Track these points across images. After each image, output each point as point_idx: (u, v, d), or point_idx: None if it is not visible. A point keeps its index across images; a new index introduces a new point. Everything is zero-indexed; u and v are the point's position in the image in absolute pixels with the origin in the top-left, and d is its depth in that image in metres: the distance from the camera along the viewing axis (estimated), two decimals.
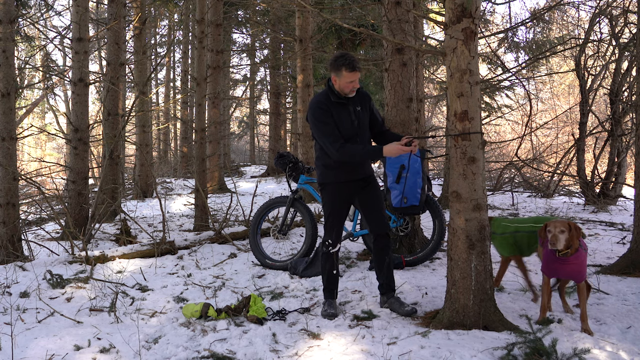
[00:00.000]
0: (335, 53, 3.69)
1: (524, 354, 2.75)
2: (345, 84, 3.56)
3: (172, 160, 21.42)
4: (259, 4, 12.59)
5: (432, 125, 18.19)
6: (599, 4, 8.55)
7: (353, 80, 3.55)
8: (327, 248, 3.78)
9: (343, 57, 3.54)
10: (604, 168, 10.09)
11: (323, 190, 3.80)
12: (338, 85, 3.60)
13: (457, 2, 3.20)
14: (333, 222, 3.77)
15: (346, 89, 3.59)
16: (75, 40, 7.15)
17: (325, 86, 3.71)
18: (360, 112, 3.68)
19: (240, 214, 8.16)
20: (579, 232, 3.21)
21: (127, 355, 3.04)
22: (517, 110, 14.00)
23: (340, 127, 3.59)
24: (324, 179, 3.78)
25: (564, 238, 3.18)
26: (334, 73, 3.59)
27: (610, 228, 7.03)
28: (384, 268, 3.82)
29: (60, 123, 23.95)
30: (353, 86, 3.58)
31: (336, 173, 3.71)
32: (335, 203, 3.77)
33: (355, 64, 3.52)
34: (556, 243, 3.17)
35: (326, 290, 3.81)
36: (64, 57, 19.83)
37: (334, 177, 3.73)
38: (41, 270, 4.76)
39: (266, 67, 20.10)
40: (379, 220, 3.81)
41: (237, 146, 30.82)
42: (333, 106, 3.61)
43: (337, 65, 3.54)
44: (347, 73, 3.52)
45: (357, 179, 3.77)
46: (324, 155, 3.71)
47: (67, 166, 7.80)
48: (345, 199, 3.81)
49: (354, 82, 3.56)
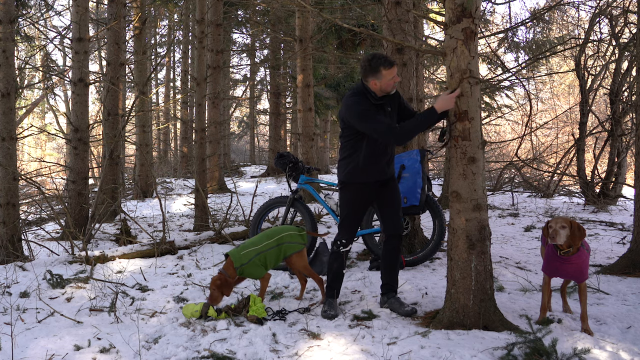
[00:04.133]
0: (363, 58, 3.59)
1: (524, 354, 2.75)
2: (387, 83, 3.50)
3: (172, 160, 21.43)
4: (259, 4, 12.59)
5: None
6: (599, 4, 8.55)
7: (393, 76, 3.49)
8: (338, 247, 3.77)
9: (376, 58, 3.48)
10: (604, 168, 10.10)
11: (344, 189, 3.78)
12: (379, 87, 3.52)
13: (457, 2, 3.20)
14: (350, 222, 3.75)
15: (388, 87, 3.52)
16: (75, 40, 7.15)
17: (358, 90, 3.61)
18: (391, 112, 3.65)
19: (240, 214, 8.16)
20: (582, 233, 3.19)
21: (127, 355, 3.03)
22: (517, 110, 14.00)
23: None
24: (349, 179, 3.71)
25: (565, 234, 3.17)
26: (372, 77, 3.49)
27: (610, 228, 7.03)
28: (390, 269, 3.83)
29: (60, 123, 23.96)
30: (395, 81, 3.52)
31: (365, 173, 3.66)
32: (356, 203, 3.75)
33: (390, 59, 3.48)
34: (556, 237, 3.16)
35: (329, 289, 3.79)
36: (64, 57, 19.86)
37: (362, 177, 3.68)
38: (41, 270, 4.76)
39: (266, 67, 20.10)
40: (395, 221, 3.80)
41: (237, 146, 30.83)
42: (373, 108, 3.55)
43: (374, 66, 3.46)
44: (386, 71, 3.45)
45: (383, 179, 3.74)
46: (355, 154, 3.64)
47: (67, 166, 7.80)
48: (367, 199, 3.79)
49: (394, 77, 3.50)
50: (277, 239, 3.92)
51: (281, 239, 3.92)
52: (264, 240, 3.95)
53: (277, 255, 3.92)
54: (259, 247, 3.90)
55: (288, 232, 3.95)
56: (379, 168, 3.68)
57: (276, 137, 17.29)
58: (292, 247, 3.90)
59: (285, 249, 3.92)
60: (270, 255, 3.90)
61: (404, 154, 5.00)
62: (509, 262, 5.23)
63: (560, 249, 3.23)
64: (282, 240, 3.92)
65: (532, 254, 5.63)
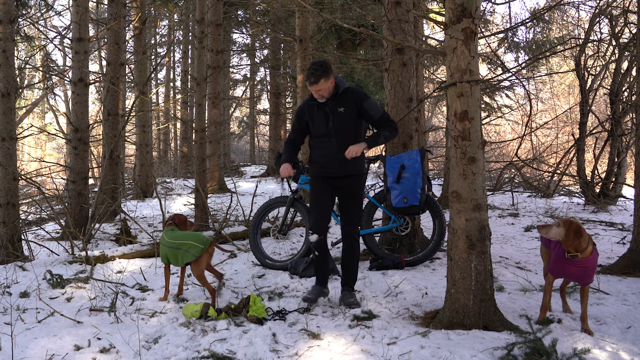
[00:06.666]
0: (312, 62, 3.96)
1: (524, 354, 2.74)
2: (313, 91, 3.78)
3: (172, 160, 21.42)
4: (259, 4, 12.59)
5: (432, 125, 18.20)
6: (599, 4, 8.55)
7: (316, 91, 3.74)
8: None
9: (309, 69, 3.73)
10: (604, 168, 10.10)
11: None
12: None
13: (457, 2, 3.20)
14: (313, 212, 4.01)
15: (314, 95, 3.81)
16: (75, 40, 7.15)
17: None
18: (343, 112, 3.80)
19: (240, 214, 8.16)
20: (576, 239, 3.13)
21: (127, 355, 3.03)
22: (517, 110, 14.01)
23: (312, 126, 3.90)
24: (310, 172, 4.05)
25: (555, 232, 3.17)
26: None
27: (610, 228, 7.03)
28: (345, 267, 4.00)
29: (60, 123, 23.94)
30: (319, 94, 3.76)
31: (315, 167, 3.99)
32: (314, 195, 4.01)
33: (312, 78, 3.69)
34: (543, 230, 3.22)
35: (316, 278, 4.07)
36: (64, 57, 19.85)
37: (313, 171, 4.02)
38: (41, 270, 4.76)
39: (266, 67, 20.10)
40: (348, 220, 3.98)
41: (237, 146, 30.82)
42: (309, 107, 3.89)
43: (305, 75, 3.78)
44: (309, 86, 3.74)
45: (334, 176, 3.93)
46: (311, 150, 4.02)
47: (67, 166, 7.80)
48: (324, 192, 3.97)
49: (317, 92, 3.75)
50: (179, 244, 4.05)
51: (181, 245, 4.04)
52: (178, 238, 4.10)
53: (175, 256, 4.07)
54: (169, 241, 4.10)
55: (190, 241, 4.04)
56: (325, 164, 3.90)
57: (276, 137, 17.29)
58: (186, 256, 4.00)
59: (182, 255, 4.03)
60: (170, 252, 4.09)
61: (404, 154, 5.00)
62: (509, 262, 5.23)
63: (567, 251, 3.21)
64: (181, 247, 4.03)
65: (532, 254, 5.63)
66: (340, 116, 3.80)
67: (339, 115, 3.80)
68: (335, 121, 3.80)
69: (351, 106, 3.80)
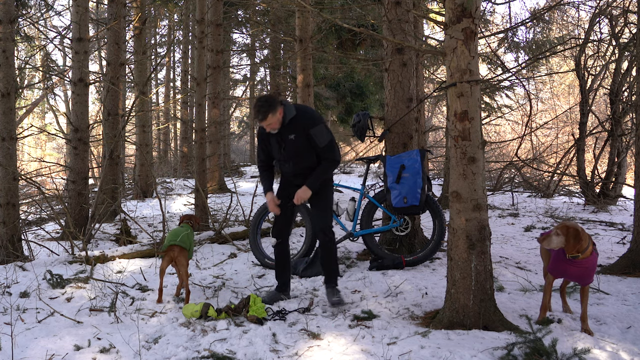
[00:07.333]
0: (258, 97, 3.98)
1: (524, 354, 2.74)
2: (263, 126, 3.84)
3: (172, 160, 21.41)
4: (259, 4, 12.59)
5: (432, 125, 18.20)
6: (599, 4, 8.55)
7: (266, 125, 3.79)
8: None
9: (255, 105, 3.78)
10: (604, 168, 10.11)
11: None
12: None
13: (457, 2, 3.20)
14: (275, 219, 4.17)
15: (266, 128, 3.86)
16: (75, 40, 7.15)
17: None
18: (294, 139, 3.87)
19: (240, 214, 8.16)
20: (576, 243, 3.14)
21: (127, 355, 3.04)
22: (517, 110, 14.02)
23: (270, 150, 4.03)
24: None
25: (557, 241, 3.17)
26: None
27: (610, 228, 7.03)
28: (324, 265, 4.07)
29: (60, 123, 23.94)
30: (270, 128, 3.82)
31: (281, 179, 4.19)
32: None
33: (259, 115, 3.74)
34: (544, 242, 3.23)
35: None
36: (64, 57, 19.85)
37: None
38: (41, 270, 4.76)
39: (266, 67, 20.08)
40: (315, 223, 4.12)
41: (237, 146, 30.80)
42: (266, 133, 3.95)
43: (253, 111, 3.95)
44: (257, 121, 3.82)
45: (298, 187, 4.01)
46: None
47: (67, 166, 7.80)
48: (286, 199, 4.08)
49: (268, 126, 3.79)
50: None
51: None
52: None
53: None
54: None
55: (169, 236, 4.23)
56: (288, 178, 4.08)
57: None
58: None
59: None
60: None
61: (404, 154, 5.00)
62: (509, 262, 5.23)
63: (567, 252, 3.21)
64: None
65: (532, 254, 5.63)
66: (292, 143, 3.87)
67: (290, 142, 3.88)
68: (287, 148, 3.89)
69: (300, 133, 3.86)
